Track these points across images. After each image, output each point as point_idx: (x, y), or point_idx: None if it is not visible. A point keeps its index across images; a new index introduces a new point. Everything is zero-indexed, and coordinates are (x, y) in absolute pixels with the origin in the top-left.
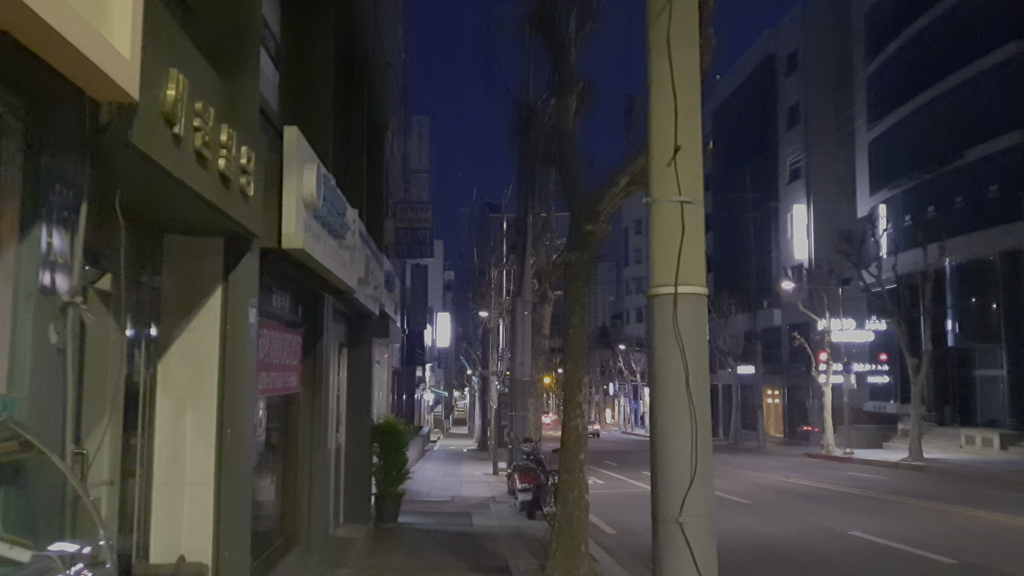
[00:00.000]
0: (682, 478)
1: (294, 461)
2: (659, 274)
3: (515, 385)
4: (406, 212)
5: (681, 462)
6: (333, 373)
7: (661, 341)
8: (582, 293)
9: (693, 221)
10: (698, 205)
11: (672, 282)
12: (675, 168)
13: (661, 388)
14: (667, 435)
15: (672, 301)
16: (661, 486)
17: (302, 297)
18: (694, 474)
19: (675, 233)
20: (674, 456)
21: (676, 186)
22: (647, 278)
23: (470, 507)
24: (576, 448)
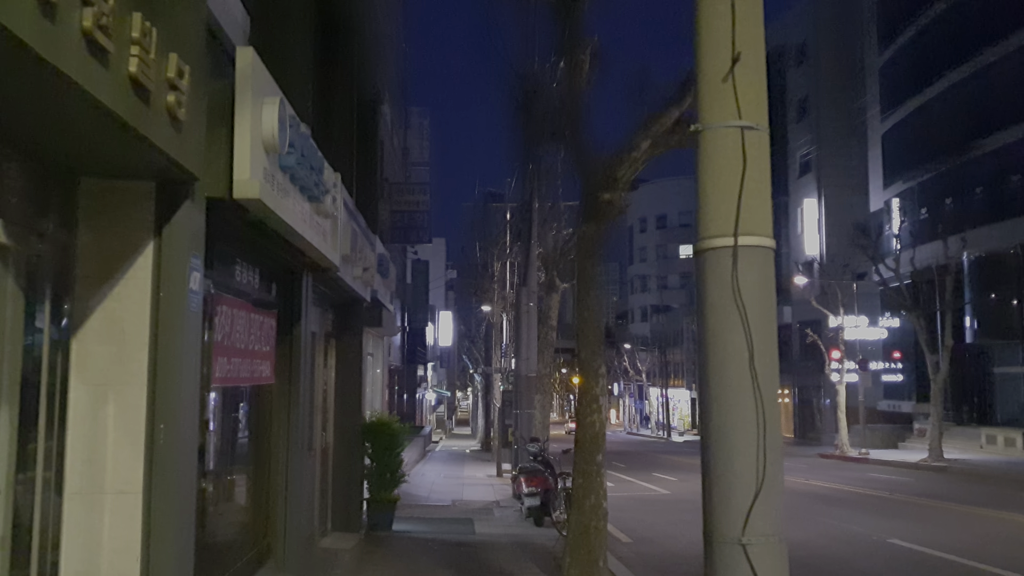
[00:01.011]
0: (745, 487)
1: (266, 462)
2: (712, 222)
3: (520, 381)
4: (402, 194)
5: (744, 466)
6: (318, 365)
7: (715, 309)
8: (597, 271)
9: (757, 153)
10: (763, 132)
11: (731, 231)
12: (733, 83)
13: (717, 370)
14: (725, 431)
15: (731, 256)
16: (718, 497)
17: (275, 273)
18: (761, 482)
19: (734, 168)
20: (734, 459)
21: (735, 107)
22: (695, 228)
23: (472, 512)
24: (593, 448)
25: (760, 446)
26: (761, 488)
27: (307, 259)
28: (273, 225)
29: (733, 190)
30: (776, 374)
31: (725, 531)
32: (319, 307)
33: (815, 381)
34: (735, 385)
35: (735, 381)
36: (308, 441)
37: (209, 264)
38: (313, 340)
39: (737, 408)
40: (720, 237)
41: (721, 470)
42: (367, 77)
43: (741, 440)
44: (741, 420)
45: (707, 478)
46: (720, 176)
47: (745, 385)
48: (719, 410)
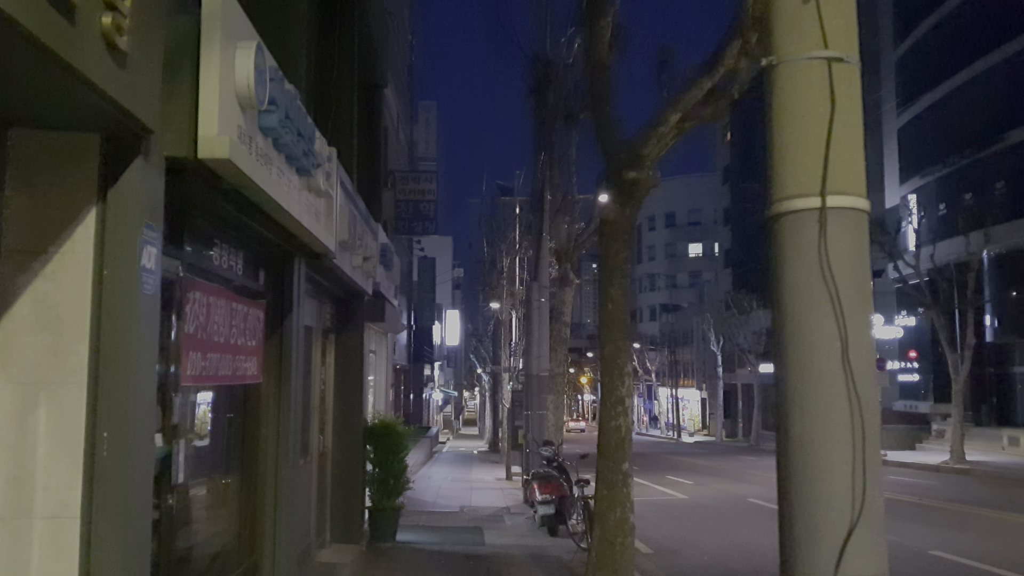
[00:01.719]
0: (838, 515)
1: (253, 471)
2: (791, 178)
3: (531, 381)
4: (407, 183)
5: (837, 489)
6: (315, 362)
7: (797, 288)
8: (623, 258)
9: (848, 91)
10: (854, 66)
11: (816, 189)
12: (816, 5)
13: (799, 367)
14: (811, 444)
15: (816, 221)
16: (802, 527)
17: (263, 258)
18: (860, 509)
19: (819, 110)
20: (824, 479)
21: (819, 34)
22: (767, 188)
23: (481, 520)
24: (618, 455)
25: (858, 462)
26: (860, 516)
27: (298, 242)
28: (253, 196)
29: (819, 138)
30: (874, 370)
31: (812, 568)
32: (315, 299)
33: None
34: (824, 385)
35: (824, 380)
36: (302, 446)
37: (178, 242)
38: (308, 335)
39: (827, 414)
40: (802, 197)
41: (806, 493)
42: (370, 59)
43: (833, 455)
44: (832, 429)
45: (786, 502)
46: (801, 121)
47: (837, 385)
48: (803, 417)
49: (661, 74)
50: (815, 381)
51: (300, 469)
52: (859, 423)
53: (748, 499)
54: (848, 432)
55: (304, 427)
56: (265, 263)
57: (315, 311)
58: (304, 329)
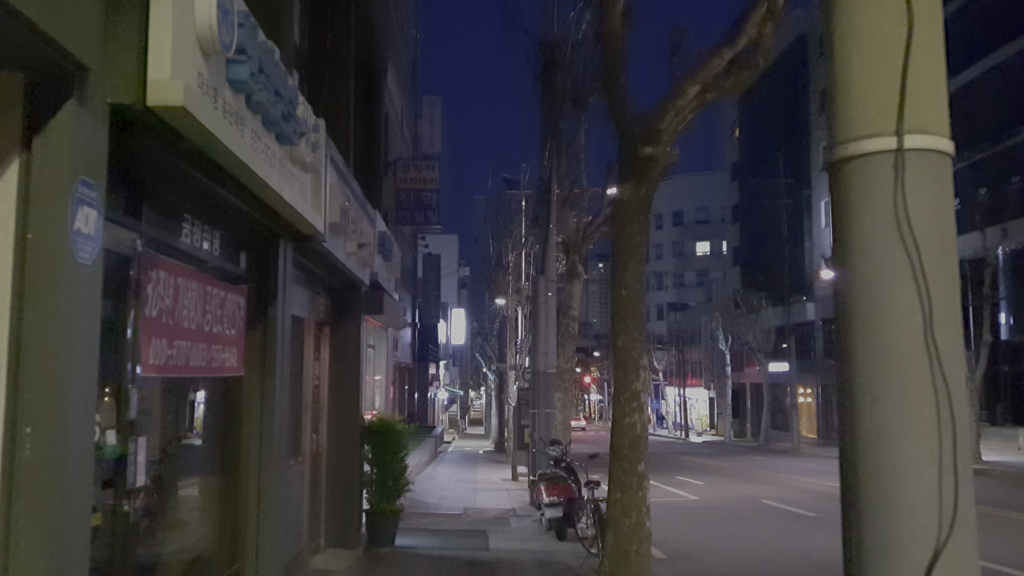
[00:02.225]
0: (924, 525)
1: (234, 472)
2: (858, 115)
3: (538, 378)
4: (408, 171)
5: (921, 493)
6: (307, 356)
7: (866, 249)
8: (638, 241)
9: (927, 8)
10: None
11: (891, 128)
12: None
13: (870, 345)
14: (887, 440)
15: (892, 166)
16: (876, 539)
17: (244, 238)
18: (952, 519)
19: (892, 31)
20: (905, 480)
21: None
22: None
23: (486, 523)
24: (633, 456)
25: (947, 463)
26: (952, 529)
27: (283, 222)
28: (222, 160)
29: (893, 65)
30: (962, 349)
31: None
32: (307, 288)
33: None
34: (903, 368)
35: (904, 361)
36: (293, 445)
37: (135, 211)
38: (300, 327)
39: (908, 404)
40: (873, 138)
41: (881, 500)
42: (369, 41)
43: (916, 454)
44: (915, 423)
45: (854, 511)
46: (871, 45)
47: (919, 367)
48: (876, 408)
49: (673, 56)
50: (892, 363)
51: (289, 470)
52: (947, 415)
53: (762, 500)
54: (934, 426)
55: (295, 425)
56: (247, 244)
57: (307, 301)
58: (292, 319)
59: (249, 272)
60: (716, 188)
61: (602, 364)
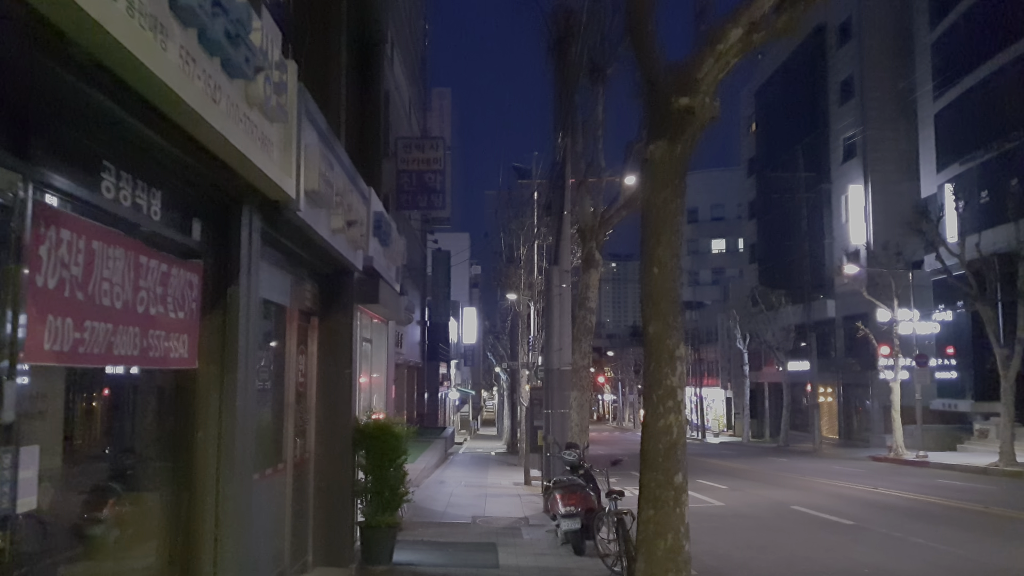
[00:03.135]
0: None
1: (186, 486)
2: None
3: (552, 376)
4: (410, 151)
5: None
6: (289, 350)
7: None
8: (673, 209)
9: None
10: None
11: None
12: None
13: None
14: None
15: None
16: None
17: (196, 203)
18: None
19: None
20: None
21: None
22: None
23: (496, 534)
24: (669, 465)
25: None
26: None
27: (242, 181)
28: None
29: None
30: None
31: None
32: (289, 272)
33: (861, 379)
34: None
35: None
36: (271, 451)
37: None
38: (280, 315)
39: None
40: None
41: None
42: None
43: None
44: None
45: None
46: None
47: None
48: None
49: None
50: None
51: (267, 480)
52: None
53: (791, 507)
54: None
55: (275, 428)
56: (200, 211)
57: (288, 287)
58: (270, 307)
59: (205, 245)
60: (731, 184)
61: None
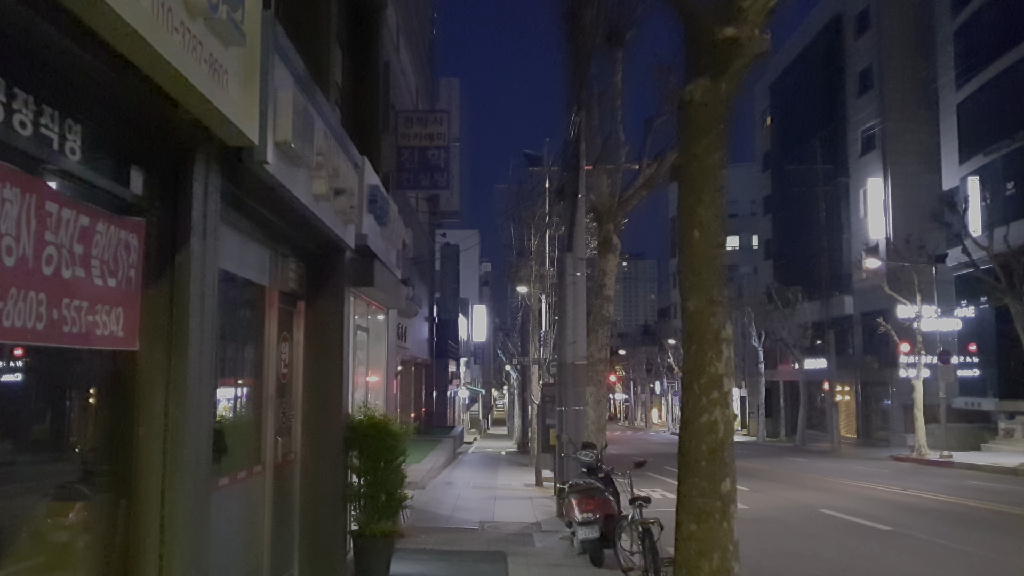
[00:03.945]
0: None
1: (124, 495)
2: None
3: (565, 371)
4: (411, 125)
5: None
6: (268, 336)
7: None
8: (716, 160)
9: None
10: None
11: None
12: None
13: None
14: None
15: None
16: None
17: (136, 148)
18: None
19: None
20: None
21: None
22: None
23: (506, 541)
24: (714, 469)
25: None
26: None
27: (189, 118)
28: None
29: None
30: None
31: None
32: (266, 246)
33: (879, 377)
34: None
35: None
36: (252, 451)
37: None
38: (257, 296)
39: None
40: None
41: None
42: None
43: None
44: None
45: None
46: None
47: None
48: None
49: None
50: None
51: (234, 487)
52: None
53: (820, 510)
54: None
55: (253, 425)
56: (142, 157)
57: (267, 264)
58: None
59: (148, 200)
60: (744, 181)
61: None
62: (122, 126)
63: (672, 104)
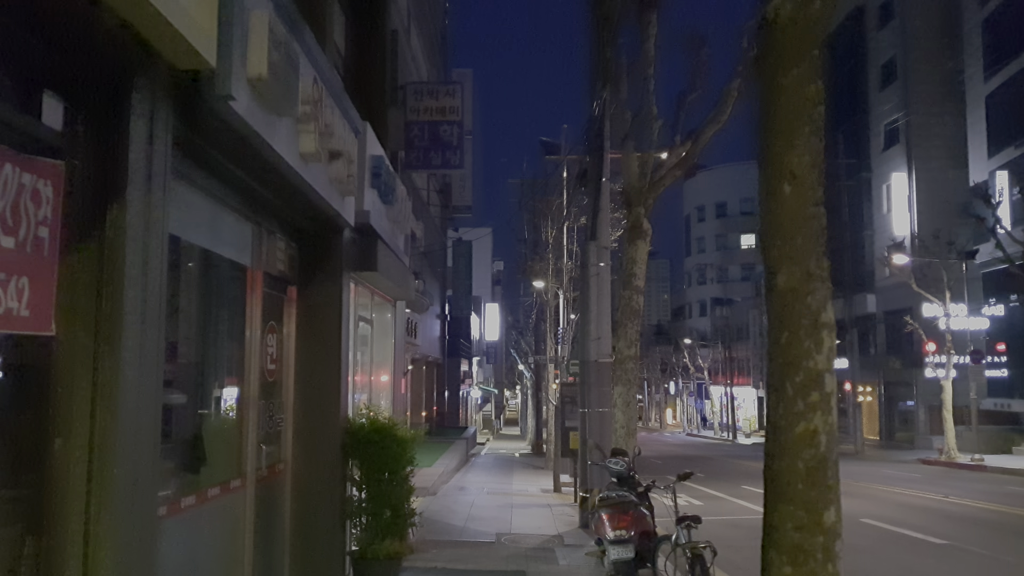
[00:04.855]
0: None
1: (39, 527)
2: None
3: (588, 369)
4: (421, 98)
5: None
6: (251, 325)
7: None
8: (811, 94)
9: None
10: None
11: None
12: None
13: None
14: None
15: None
16: None
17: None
18: None
19: None
20: None
21: None
22: None
23: (525, 557)
24: (815, 494)
25: None
26: None
27: (115, 18)
28: None
29: None
30: None
31: None
32: (248, 220)
33: (903, 377)
34: None
35: None
36: (233, 462)
37: None
38: (237, 277)
39: None
40: None
41: None
42: None
43: None
44: None
45: None
46: None
47: None
48: None
49: None
50: None
51: (203, 506)
52: None
53: (861, 519)
54: None
55: (228, 432)
56: (59, 81)
57: (247, 238)
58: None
59: (70, 138)
60: None
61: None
62: (30, 37)
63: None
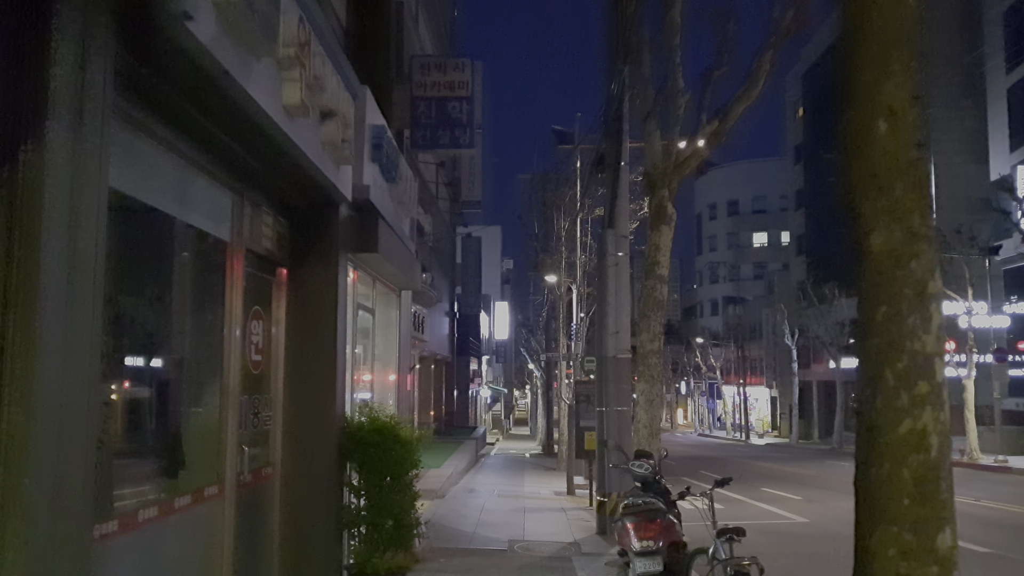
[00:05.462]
0: None
1: None
2: None
3: (606, 366)
4: (428, 72)
5: None
6: (231, 312)
7: None
8: (910, 12)
9: None
10: None
11: None
12: None
13: None
14: None
15: None
16: None
17: None
18: None
19: None
20: None
21: None
22: None
23: (541, 566)
24: (925, 512)
25: None
26: None
27: None
28: None
29: None
30: None
31: None
32: (224, 184)
33: None
34: None
35: None
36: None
37: None
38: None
39: None
40: None
41: None
42: None
43: None
44: None
45: None
46: None
47: None
48: None
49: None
50: None
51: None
52: None
53: None
54: None
55: (203, 432)
56: None
57: (226, 208)
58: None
59: None
60: (773, 175)
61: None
62: None
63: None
